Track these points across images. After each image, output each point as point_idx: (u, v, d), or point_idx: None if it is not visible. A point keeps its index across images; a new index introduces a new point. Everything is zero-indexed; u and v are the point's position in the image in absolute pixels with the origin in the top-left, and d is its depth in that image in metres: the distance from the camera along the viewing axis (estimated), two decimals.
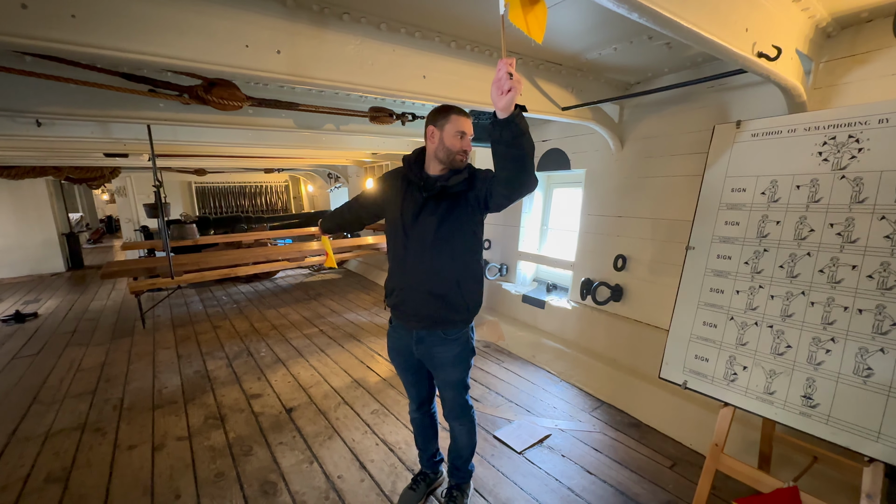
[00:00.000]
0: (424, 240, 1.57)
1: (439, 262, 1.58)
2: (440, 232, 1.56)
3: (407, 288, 1.64)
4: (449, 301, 1.60)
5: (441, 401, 1.82)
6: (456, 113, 1.53)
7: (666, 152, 2.71)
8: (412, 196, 1.61)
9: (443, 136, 1.53)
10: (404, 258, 1.63)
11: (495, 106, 1.20)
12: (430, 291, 1.60)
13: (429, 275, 1.59)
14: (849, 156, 1.46)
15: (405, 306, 1.66)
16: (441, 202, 1.56)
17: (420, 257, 1.59)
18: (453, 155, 1.54)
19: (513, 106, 1.19)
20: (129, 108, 2.47)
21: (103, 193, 15.47)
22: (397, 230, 1.64)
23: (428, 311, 1.62)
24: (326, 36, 1.65)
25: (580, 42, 2.08)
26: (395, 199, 1.66)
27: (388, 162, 6.31)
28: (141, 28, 1.30)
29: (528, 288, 4.11)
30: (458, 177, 1.55)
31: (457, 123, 1.52)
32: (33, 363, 3.72)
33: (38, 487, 2.13)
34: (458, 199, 1.57)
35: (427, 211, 1.57)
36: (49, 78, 1.88)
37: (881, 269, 1.35)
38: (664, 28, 1.24)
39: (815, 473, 1.80)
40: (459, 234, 1.59)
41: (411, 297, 1.63)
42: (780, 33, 1.62)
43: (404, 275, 1.64)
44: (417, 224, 1.58)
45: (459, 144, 1.53)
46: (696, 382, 1.74)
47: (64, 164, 5.88)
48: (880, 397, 1.30)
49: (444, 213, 1.56)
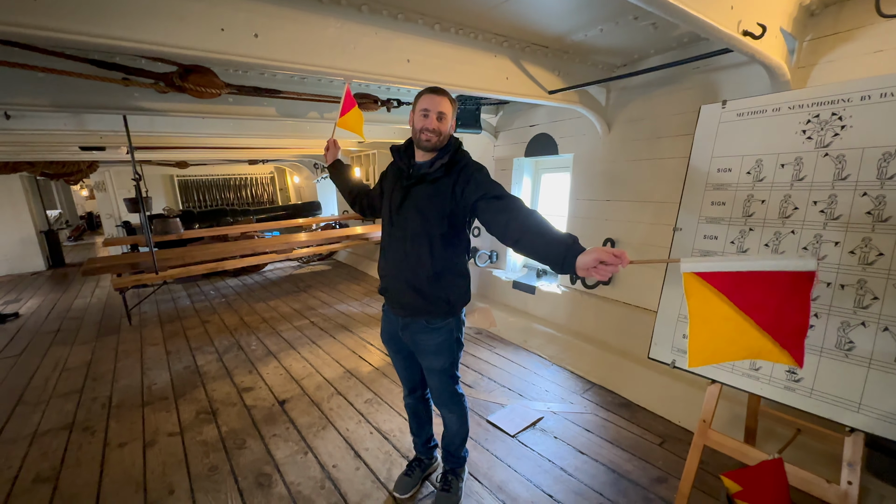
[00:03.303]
0: (405, 230, 1.55)
1: (416, 255, 1.53)
2: (419, 223, 1.52)
3: (390, 277, 1.64)
4: (427, 294, 1.56)
5: (430, 388, 1.83)
6: (429, 92, 1.48)
7: (653, 135, 2.71)
8: (399, 185, 1.59)
9: (413, 116, 1.51)
10: (388, 247, 1.64)
11: (583, 270, 1.14)
12: (407, 282, 1.57)
13: (407, 266, 1.56)
14: (832, 133, 1.47)
15: (389, 294, 1.69)
16: (423, 192, 1.51)
17: (399, 248, 1.58)
18: (417, 135, 1.50)
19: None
20: (103, 98, 2.39)
21: (82, 189, 15.02)
22: (385, 219, 1.65)
23: (408, 300, 1.60)
24: (306, 18, 1.60)
25: (566, 23, 2.05)
26: (388, 187, 1.66)
27: (375, 151, 6.22)
28: (108, 11, 1.24)
29: (519, 274, 4.13)
30: (439, 161, 1.49)
31: (423, 102, 1.47)
32: (16, 364, 3.63)
33: (27, 489, 2.09)
34: (440, 189, 1.49)
35: (409, 200, 1.54)
36: (14, 66, 1.79)
37: (863, 245, 1.37)
38: (651, 6, 1.23)
39: (798, 445, 1.86)
40: (438, 226, 1.51)
41: (393, 286, 1.64)
42: (765, 11, 1.61)
43: (387, 264, 1.65)
44: (400, 214, 1.56)
45: (422, 122, 1.47)
46: (684, 361, 1.77)
47: (38, 159, 5.68)
48: (861, 370, 1.34)
49: (424, 204, 1.51)
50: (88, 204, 15.95)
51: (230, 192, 10.08)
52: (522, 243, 1.32)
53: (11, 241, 7.70)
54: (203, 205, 9.70)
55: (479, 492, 1.98)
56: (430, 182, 1.51)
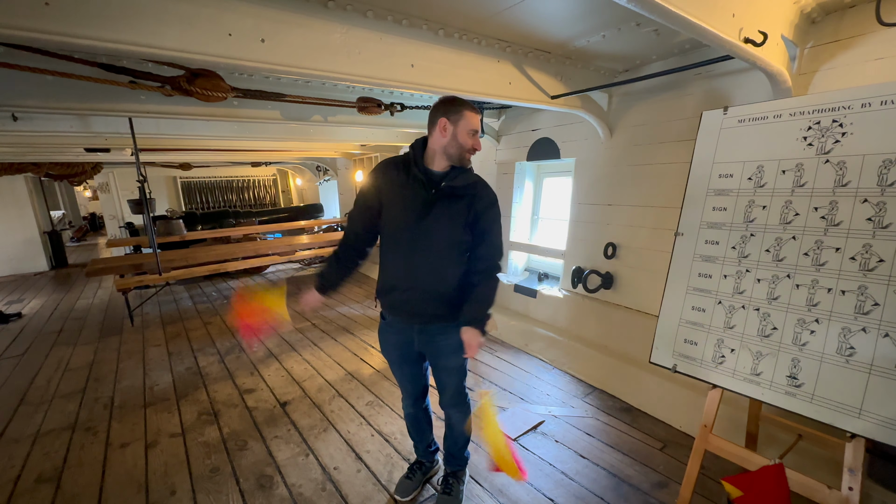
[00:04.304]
0: (430, 239, 1.54)
1: (446, 264, 1.57)
2: (447, 232, 1.54)
3: (412, 288, 1.59)
4: (451, 301, 1.61)
5: (440, 389, 1.81)
6: (470, 109, 1.49)
7: (654, 140, 2.73)
8: (416, 192, 1.53)
9: (457, 131, 1.48)
10: (409, 257, 1.57)
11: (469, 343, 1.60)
12: (432, 291, 1.58)
13: (436, 276, 1.58)
14: (832, 140, 1.48)
15: (408, 305, 1.62)
16: (450, 203, 1.53)
17: (427, 258, 1.55)
18: (464, 152, 1.51)
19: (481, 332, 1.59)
20: (110, 101, 2.41)
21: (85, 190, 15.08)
22: (400, 227, 1.57)
23: (433, 309, 1.61)
24: (312, 24, 1.62)
25: (569, 29, 2.07)
26: (397, 192, 1.57)
27: (377, 154, 6.25)
28: (118, 16, 1.26)
29: (520, 278, 4.13)
30: (466, 177, 1.53)
31: (472, 121, 1.49)
32: (19, 364, 3.65)
33: (30, 488, 2.10)
34: (461, 202, 1.54)
35: (437, 211, 1.52)
36: (24, 69, 1.82)
37: (863, 251, 1.38)
38: (653, 13, 1.24)
39: (799, 450, 1.86)
40: (461, 237, 1.56)
41: (416, 297, 1.59)
42: (766, 19, 1.63)
43: (409, 274, 1.58)
44: (425, 223, 1.52)
45: (471, 142, 1.50)
46: (685, 366, 1.78)
47: (43, 160, 5.72)
48: (862, 375, 1.34)
49: (452, 216, 1.53)
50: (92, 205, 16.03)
51: (233, 194, 10.13)
52: (473, 280, 1.62)
53: (15, 242, 7.74)
54: (206, 206, 9.75)
55: (479, 495, 1.98)
56: (459, 195, 1.54)
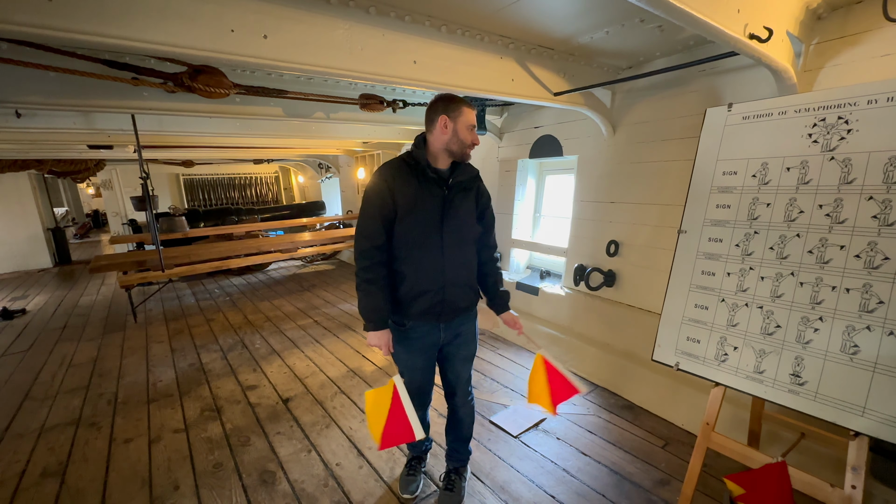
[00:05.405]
0: (462, 236, 1.62)
1: (471, 257, 1.70)
2: (469, 226, 1.64)
3: (448, 286, 1.60)
4: (475, 288, 1.77)
5: (454, 383, 1.84)
6: (467, 105, 1.53)
7: (658, 137, 2.71)
8: (433, 192, 1.54)
9: (457, 128, 1.51)
10: (442, 257, 1.57)
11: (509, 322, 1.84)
12: (466, 284, 1.68)
13: (468, 270, 1.69)
14: (838, 137, 1.47)
15: (441, 306, 1.61)
16: (463, 198, 1.62)
17: (457, 254, 1.62)
18: (465, 148, 1.55)
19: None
20: (113, 97, 2.41)
21: (88, 187, 15.15)
22: (429, 230, 1.54)
23: (464, 303, 1.70)
24: (315, 20, 1.61)
25: (572, 25, 2.05)
26: (414, 196, 1.51)
27: (379, 151, 6.25)
28: (121, 12, 1.26)
29: (522, 275, 4.13)
30: (468, 171, 1.62)
31: (469, 116, 1.53)
32: (23, 360, 3.67)
33: (35, 482, 2.12)
34: (470, 195, 1.64)
35: (455, 207, 1.59)
36: (27, 65, 1.82)
37: (868, 249, 1.37)
38: (657, 9, 1.23)
39: (802, 449, 1.86)
40: (477, 227, 1.70)
41: (452, 294, 1.63)
42: (772, 15, 1.61)
43: (443, 273, 1.58)
44: (450, 221, 1.57)
45: (470, 138, 1.54)
46: (688, 364, 1.77)
47: (46, 157, 5.74)
48: (866, 373, 1.33)
49: (468, 210, 1.63)
50: (95, 202, 16.09)
51: (235, 192, 10.14)
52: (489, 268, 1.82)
53: (19, 238, 7.78)
54: (208, 204, 9.76)
55: (481, 492, 1.98)
56: (468, 189, 1.64)
